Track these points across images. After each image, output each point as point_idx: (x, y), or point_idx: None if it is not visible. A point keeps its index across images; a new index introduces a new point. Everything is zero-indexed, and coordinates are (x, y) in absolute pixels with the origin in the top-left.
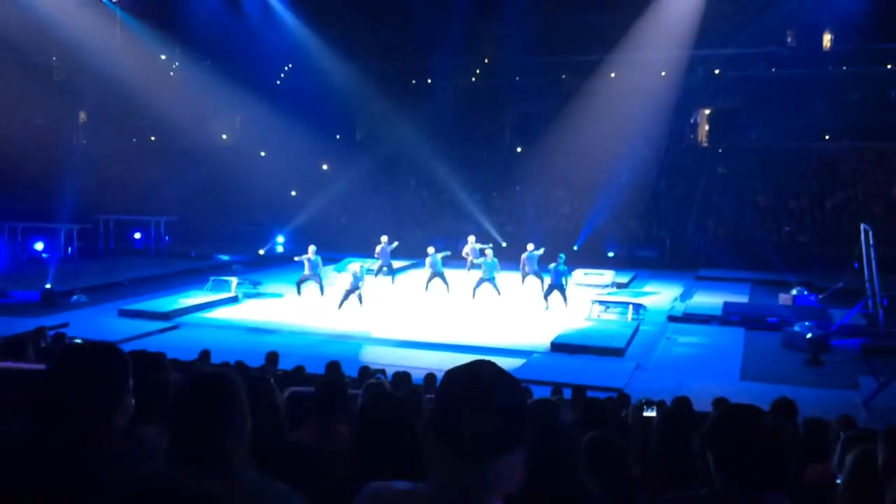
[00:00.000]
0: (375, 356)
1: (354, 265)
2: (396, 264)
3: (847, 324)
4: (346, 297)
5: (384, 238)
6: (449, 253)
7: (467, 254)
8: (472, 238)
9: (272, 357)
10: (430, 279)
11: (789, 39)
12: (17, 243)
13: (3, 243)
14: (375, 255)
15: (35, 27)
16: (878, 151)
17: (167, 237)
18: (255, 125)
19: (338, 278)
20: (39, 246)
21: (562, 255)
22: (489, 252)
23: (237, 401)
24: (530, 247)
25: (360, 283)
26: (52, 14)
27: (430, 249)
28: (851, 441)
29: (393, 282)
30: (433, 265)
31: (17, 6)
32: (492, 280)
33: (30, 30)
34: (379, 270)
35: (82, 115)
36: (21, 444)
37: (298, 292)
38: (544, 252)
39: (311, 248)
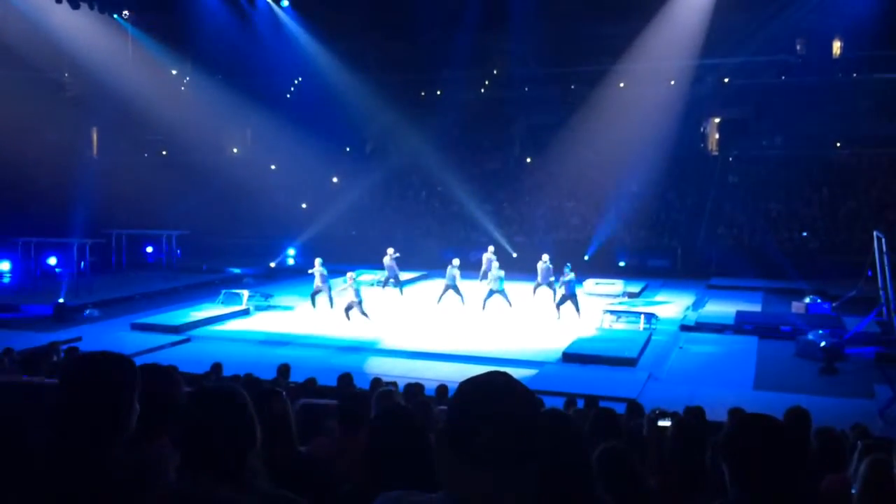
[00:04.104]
0: (387, 368)
1: (346, 285)
2: (405, 276)
3: (861, 332)
4: (349, 307)
5: (390, 250)
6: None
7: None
8: (491, 248)
9: (284, 369)
10: (443, 291)
11: (799, 47)
12: (31, 258)
13: (16, 258)
14: (384, 267)
15: (47, 43)
16: (890, 158)
17: (179, 251)
18: (265, 139)
19: (340, 289)
20: (52, 261)
21: (568, 265)
22: (494, 264)
23: (244, 413)
24: (545, 257)
25: (360, 295)
26: (65, 30)
27: (456, 261)
28: (867, 450)
29: (401, 293)
30: (448, 277)
31: (30, 22)
32: (501, 291)
33: (42, 46)
34: (386, 282)
35: (94, 131)
36: (38, 457)
37: (313, 305)
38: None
39: (318, 261)
